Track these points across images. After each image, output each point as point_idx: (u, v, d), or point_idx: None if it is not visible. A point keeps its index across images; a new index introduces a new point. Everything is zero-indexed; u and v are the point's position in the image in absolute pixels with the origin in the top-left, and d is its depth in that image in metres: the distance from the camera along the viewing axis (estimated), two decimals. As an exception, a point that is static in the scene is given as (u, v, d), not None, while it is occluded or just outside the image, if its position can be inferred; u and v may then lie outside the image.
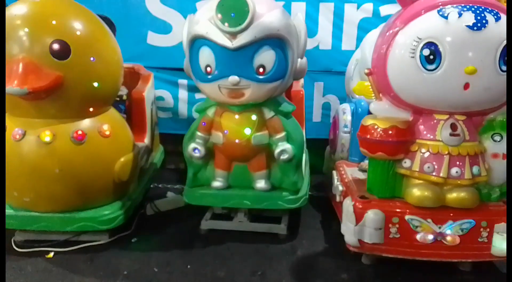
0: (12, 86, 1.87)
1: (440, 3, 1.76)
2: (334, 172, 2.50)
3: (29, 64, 1.92)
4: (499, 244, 1.88)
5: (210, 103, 2.28)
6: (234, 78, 2.04)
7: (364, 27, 3.33)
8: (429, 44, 1.74)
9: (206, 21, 2.02)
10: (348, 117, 2.69)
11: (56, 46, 1.97)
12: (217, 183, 2.34)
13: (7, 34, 1.94)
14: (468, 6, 1.72)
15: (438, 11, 1.74)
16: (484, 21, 1.68)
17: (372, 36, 2.64)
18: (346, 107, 2.75)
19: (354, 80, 2.85)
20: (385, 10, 3.34)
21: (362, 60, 2.74)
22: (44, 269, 2.09)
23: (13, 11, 2.00)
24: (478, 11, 1.70)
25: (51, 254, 2.20)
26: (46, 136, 2.05)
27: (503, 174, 1.90)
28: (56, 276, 2.04)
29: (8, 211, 2.18)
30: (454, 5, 1.73)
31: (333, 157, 2.83)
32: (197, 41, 2.09)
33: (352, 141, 2.64)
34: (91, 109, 2.19)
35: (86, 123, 2.17)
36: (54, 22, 2.01)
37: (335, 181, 2.39)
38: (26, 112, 2.08)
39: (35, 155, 2.06)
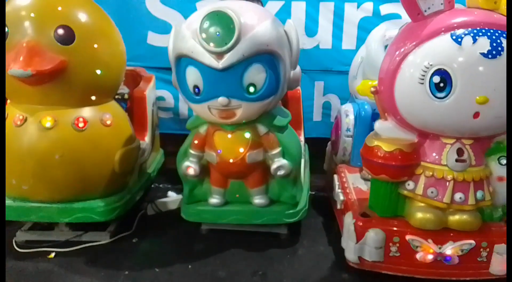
0: (16, 68, 1.89)
1: (454, 25, 1.65)
2: (335, 177, 2.47)
3: (34, 47, 1.95)
4: (498, 264, 1.85)
5: (201, 120, 2.20)
6: (223, 100, 1.94)
7: (364, 27, 3.32)
8: (440, 72, 1.65)
9: (191, 39, 1.90)
10: (350, 120, 2.62)
11: (61, 32, 1.99)
12: (214, 200, 2.27)
13: (13, 20, 1.98)
14: (483, 31, 1.61)
15: (451, 35, 1.64)
16: (499, 49, 1.59)
17: (378, 33, 2.63)
18: (349, 108, 2.68)
19: (358, 79, 2.78)
20: (385, 9, 3.34)
21: (367, 57, 2.68)
22: (45, 269, 2.09)
23: None
24: (494, 37, 1.59)
25: (52, 255, 2.20)
26: (47, 122, 2.06)
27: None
28: (57, 276, 2.04)
29: (6, 202, 2.16)
30: (469, 29, 1.62)
31: (335, 159, 2.80)
32: (183, 60, 2.00)
33: (355, 145, 2.59)
34: (93, 97, 2.20)
35: (87, 111, 2.18)
36: (59, 8, 2.03)
37: (336, 187, 2.36)
38: (28, 98, 2.10)
39: (36, 140, 2.06)
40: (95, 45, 2.11)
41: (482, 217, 1.88)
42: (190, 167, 2.20)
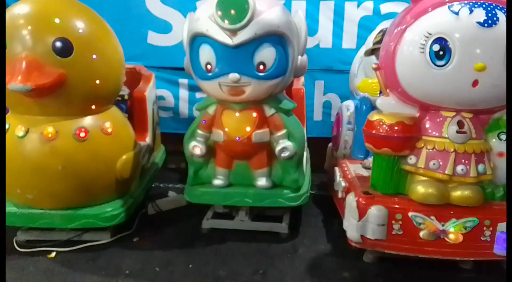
0: (15, 83, 1.89)
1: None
2: (337, 168, 2.50)
3: (32, 62, 1.94)
4: (501, 244, 1.86)
5: (210, 101, 2.29)
6: (234, 76, 2.04)
7: (364, 26, 3.32)
8: (439, 40, 1.73)
9: (206, 18, 2.01)
10: (351, 113, 2.69)
11: (59, 44, 1.98)
12: (218, 181, 2.33)
13: (10, 33, 1.96)
14: (479, 3, 1.70)
15: (449, 7, 1.73)
16: (495, 18, 1.67)
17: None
18: (350, 104, 2.75)
19: (359, 78, 2.85)
20: (385, 8, 3.34)
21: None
22: (46, 269, 2.09)
23: (16, 10, 2.01)
24: (489, 8, 1.68)
25: (53, 254, 2.21)
26: (49, 134, 2.06)
27: None
28: (58, 276, 2.04)
29: (11, 209, 2.18)
30: (465, 2, 1.72)
31: (336, 154, 2.82)
32: (197, 39, 2.09)
33: (355, 137, 2.64)
34: (93, 107, 2.20)
35: (88, 120, 2.18)
36: (57, 20, 2.02)
37: (338, 177, 2.39)
38: (29, 109, 2.09)
39: (38, 152, 2.07)
40: (94, 56, 2.10)
41: (484, 196, 1.90)
42: (196, 146, 2.27)
